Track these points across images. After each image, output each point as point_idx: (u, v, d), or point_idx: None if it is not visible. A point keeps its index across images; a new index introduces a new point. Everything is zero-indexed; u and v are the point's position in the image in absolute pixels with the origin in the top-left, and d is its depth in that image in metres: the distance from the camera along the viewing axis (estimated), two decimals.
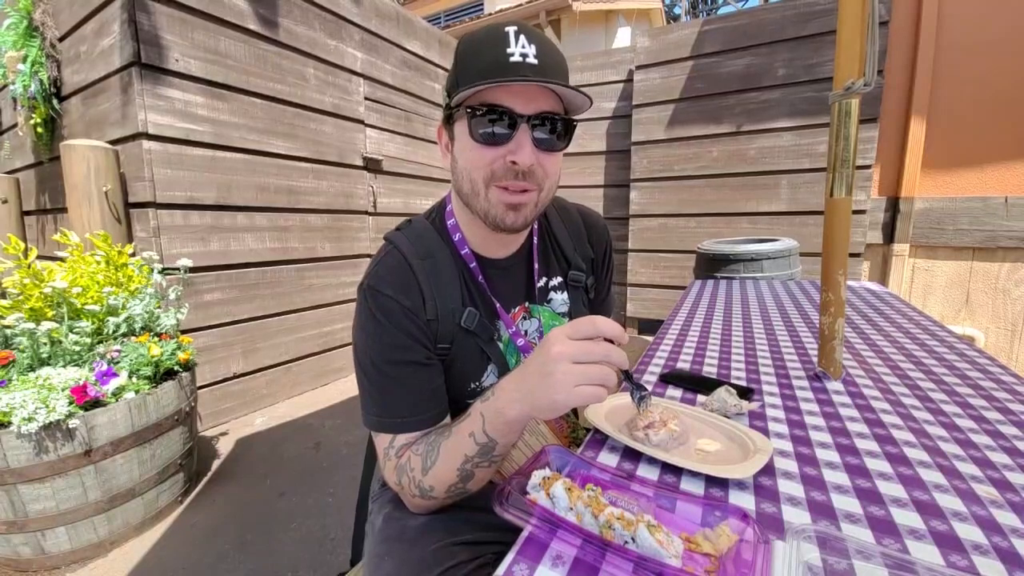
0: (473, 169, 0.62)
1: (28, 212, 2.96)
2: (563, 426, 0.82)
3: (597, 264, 0.86)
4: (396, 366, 0.65)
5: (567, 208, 0.85)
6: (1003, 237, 2.56)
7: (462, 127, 0.62)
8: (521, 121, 0.58)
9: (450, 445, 0.61)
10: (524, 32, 0.58)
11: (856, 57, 0.79)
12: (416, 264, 0.67)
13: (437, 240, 0.70)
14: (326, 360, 3.00)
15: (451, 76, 0.63)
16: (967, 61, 2.58)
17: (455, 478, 0.61)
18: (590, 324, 0.50)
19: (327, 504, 1.79)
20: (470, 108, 0.59)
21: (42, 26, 2.32)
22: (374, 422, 0.67)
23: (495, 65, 0.57)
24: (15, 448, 1.33)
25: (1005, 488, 0.55)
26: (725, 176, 3.33)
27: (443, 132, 0.69)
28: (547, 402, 0.51)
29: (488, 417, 0.57)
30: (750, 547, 0.42)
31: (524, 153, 0.59)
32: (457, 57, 0.62)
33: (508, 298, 0.74)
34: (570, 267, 0.81)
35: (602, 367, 0.49)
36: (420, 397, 0.66)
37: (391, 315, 0.64)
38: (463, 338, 0.69)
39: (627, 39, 6.24)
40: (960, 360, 0.99)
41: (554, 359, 0.50)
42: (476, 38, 0.61)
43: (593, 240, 0.85)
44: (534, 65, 0.57)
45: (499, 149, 0.60)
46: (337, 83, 2.88)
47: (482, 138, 0.59)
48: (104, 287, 1.71)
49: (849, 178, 0.84)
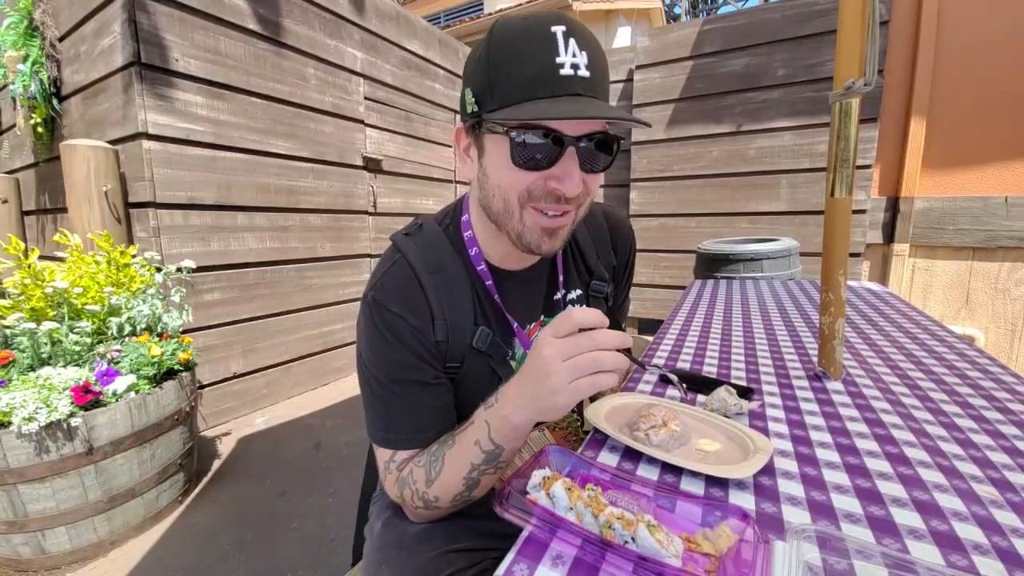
0: (509, 189, 0.56)
1: (28, 212, 2.96)
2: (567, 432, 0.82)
3: (619, 271, 0.82)
4: (401, 384, 0.62)
5: (591, 211, 0.78)
6: (1003, 237, 2.56)
7: (498, 143, 0.55)
8: (569, 144, 0.52)
9: (455, 454, 0.59)
10: (573, 35, 0.51)
11: (856, 57, 0.79)
12: (425, 279, 0.62)
13: (450, 251, 0.65)
14: (326, 360, 2.99)
15: (480, 78, 0.54)
16: (967, 61, 2.58)
17: (461, 487, 0.60)
18: (567, 319, 0.49)
19: (327, 504, 1.79)
20: (512, 130, 0.52)
21: (42, 26, 2.32)
22: (379, 437, 0.65)
23: (543, 79, 0.50)
24: (15, 448, 1.33)
25: (1005, 488, 0.55)
26: (725, 176, 3.33)
27: (464, 135, 0.61)
28: (550, 404, 0.50)
29: (494, 424, 0.56)
30: (750, 547, 0.42)
31: (572, 182, 0.54)
32: (491, 57, 0.52)
33: (525, 313, 0.70)
34: (592, 277, 0.77)
35: (593, 356, 0.48)
36: (425, 416, 0.64)
37: (397, 333, 0.61)
38: (474, 358, 0.66)
39: (627, 39, 6.24)
40: (960, 360, 0.99)
41: (546, 361, 0.49)
42: (516, 35, 0.52)
43: (618, 246, 0.80)
44: (586, 79, 0.51)
45: (540, 173, 0.54)
46: (337, 83, 2.88)
47: (525, 163, 0.53)
48: (105, 287, 1.71)
49: (849, 178, 0.84)
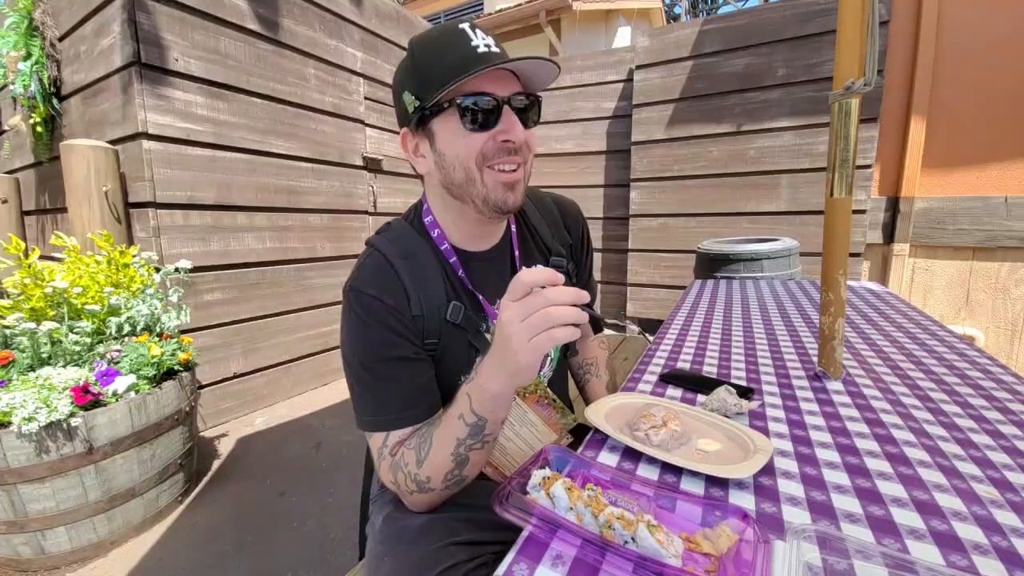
0: (467, 156, 0.64)
1: (28, 212, 2.96)
2: (551, 413, 0.82)
3: (576, 249, 0.89)
4: (384, 363, 0.66)
5: (541, 197, 0.88)
6: (1003, 237, 2.56)
7: (447, 121, 0.64)
8: (504, 103, 0.63)
9: (441, 432, 0.62)
10: (477, 27, 0.64)
11: (856, 57, 0.79)
12: (398, 263, 0.68)
13: (417, 239, 0.72)
14: (326, 360, 2.99)
15: (413, 79, 0.65)
16: (967, 61, 2.58)
17: (451, 463, 0.62)
18: (517, 280, 0.52)
19: (327, 504, 1.78)
20: (458, 100, 0.62)
21: (42, 26, 2.32)
22: (367, 423, 0.68)
23: (469, 59, 0.61)
24: (15, 448, 1.33)
25: (1005, 488, 0.55)
26: (725, 176, 3.33)
27: (411, 137, 0.70)
28: (515, 366, 0.53)
29: (474, 396, 0.59)
30: (750, 547, 0.42)
31: (517, 131, 0.64)
32: (418, 61, 0.64)
33: (493, 290, 0.75)
34: (551, 254, 0.83)
35: (546, 312, 0.50)
36: (410, 392, 0.67)
37: (375, 314, 0.65)
38: (450, 332, 0.70)
39: (627, 39, 6.23)
40: (960, 360, 0.99)
41: (505, 324, 0.52)
42: (434, 39, 0.64)
43: (569, 225, 0.88)
44: (498, 53, 0.63)
45: (488, 132, 0.63)
46: (337, 83, 2.88)
47: (474, 125, 0.63)
48: (105, 287, 1.71)
49: (849, 178, 0.84)
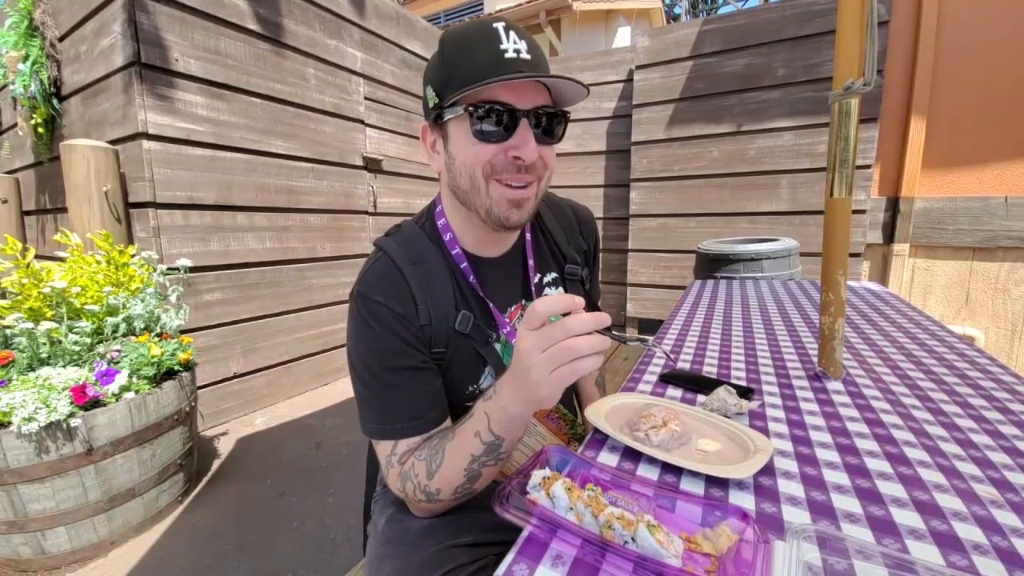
0: (475, 165, 0.62)
1: (28, 212, 2.96)
2: (561, 425, 0.82)
3: (589, 256, 0.88)
4: (392, 372, 0.64)
5: (558, 203, 0.86)
6: (1003, 237, 2.56)
7: (460, 125, 0.61)
8: (521, 116, 0.59)
9: (455, 446, 0.61)
10: (512, 29, 0.59)
11: (856, 57, 0.79)
12: (407, 269, 0.67)
13: (427, 243, 0.70)
14: (326, 360, 2.99)
15: (438, 74, 0.62)
16: (967, 61, 2.58)
17: (462, 479, 0.61)
18: (531, 311, 0.50)
19: (327, 504, 1.78)
20: (471, 106, 0.58)
21: (42, 26, 2.32)
22: (374, 430, 0.66)
23: (492, 63, 0.57)
24: (15, 448, 1.33)
25: (1005, 488, 0.55)
26: (725, 176, 3.33)
27: (429, 132, 0.68)
28: (536, 396, 0.51)
29: (493, 415, 0.57)
30: (750, 547, 0.42)
31: (529, 148, 0.60)
32: (445, 56, 0.61)
33: (504, 297, 0.74)
34: (566, 261, 0.81)
35: (567, 345, 0.48)
36: (418, 401, 0.65)
37: (383, 321, 0.64)
38: (458, 341, 0.69)
39: (627, 39, 6.23)
40: (960, 360, 0.99)
41: (524, 355, 0.50)
42: (464, 35, 0.60)
43: (584, 232, 0.87)
44: (528, 60, 0.58)
45: (500, 144, 0.60)
46: (337, 83, 2.88)
47: (484, 135, 0.60)
48: (104, 287, 1.71)
49: (849, 178, 0.84)
